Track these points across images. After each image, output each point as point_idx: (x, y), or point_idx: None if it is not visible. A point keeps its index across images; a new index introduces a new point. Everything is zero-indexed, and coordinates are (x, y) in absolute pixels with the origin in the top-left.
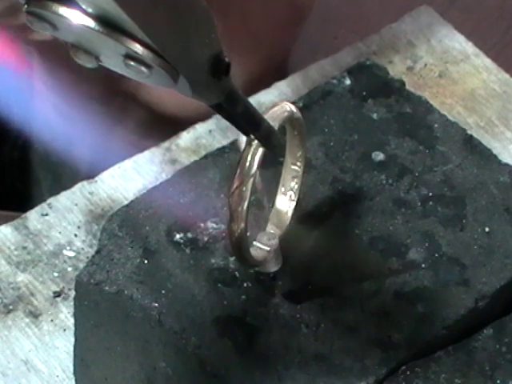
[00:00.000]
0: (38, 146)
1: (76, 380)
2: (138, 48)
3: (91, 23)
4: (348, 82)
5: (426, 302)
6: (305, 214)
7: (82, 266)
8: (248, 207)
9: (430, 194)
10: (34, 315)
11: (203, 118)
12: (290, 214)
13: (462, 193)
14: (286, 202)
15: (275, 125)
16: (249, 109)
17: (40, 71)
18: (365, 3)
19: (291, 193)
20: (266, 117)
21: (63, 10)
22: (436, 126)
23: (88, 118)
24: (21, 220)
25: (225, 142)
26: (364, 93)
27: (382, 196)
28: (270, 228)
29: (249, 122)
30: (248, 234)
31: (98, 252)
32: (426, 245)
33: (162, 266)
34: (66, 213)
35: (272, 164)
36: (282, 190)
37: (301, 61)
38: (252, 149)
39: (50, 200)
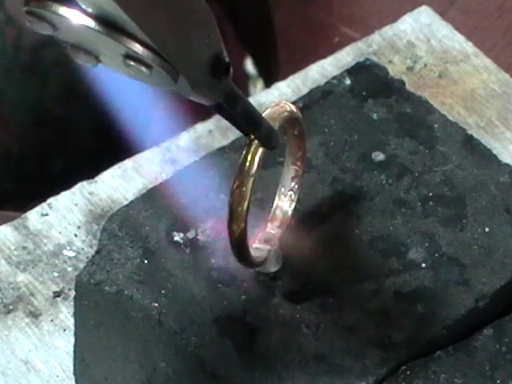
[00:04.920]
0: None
1: (76, 380)
2: (138, 48)
3: (91, 23)
4: (348, 82)
5: (426, 301)
6: (305, 214)
7: (82, 266)
8: (248, 207)
9: (430, 194)
10: (34, 315)
11: None
12: (289, 213)
13: (462, 193)
14: (286, 202)
15: (275, 125)
16: (249, 109)
17: None
18: (365, 3)
19: (291, 193)
20: (265, 117)
21: (63, 10)
22: (436, 126)
23: None
24: (21, 220)
25: (225, 142)
26: (364, 93)
27: (382, 196)
28: (270, 228)
29: (249, 122)
30: (248, 234)
31: (97, 252)
32: (426, 245)
33: (162, 266)
34: (66, 213)
35: (272, 164)
36: (282, 190)
37: (300, 61)
38: (252, 149)
39: (50, 200)
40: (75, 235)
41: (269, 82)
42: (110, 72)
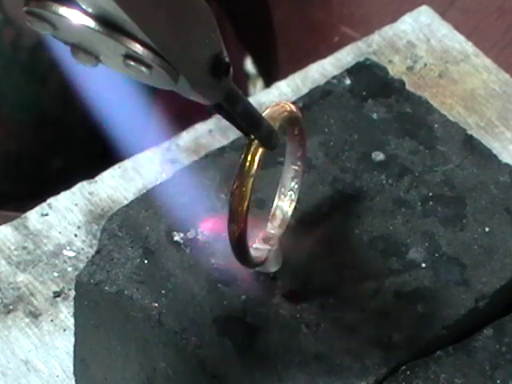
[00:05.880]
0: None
1: (76, 380)
2: (138, 48)
3: (91, 23)
4: (348, 81)
5: (426, 301)
6: (305, 214)
7: (82, 266)
8: (248, 207)
9: (430, 193)
10: (34, 315)
11: None
12: (289, 213)
13: (462, 193)
14: (286, 202)
15: (275, 125)
16: (249, 109)
17: None
18: (365, 3)
19: (291, 193)
20: (265, 117)
21: (63, 10)
22: (436, 126)
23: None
24: (21, 220)
25: (225, 142)
26: (364, 93)
27: (382, 196)
28: (270, 228)
29: (249, 121)
30: (248, 234)
31: (97, 252)
32: (426, 245)
33: (162, 266)
34: (66, 213)
35: (272, 164)
36: (282, 190)
37: (300, 61)
38: (252, 149)
39: (50, 200)
40: (75, 235)
41: (269, 82)
42: (109, 72)
